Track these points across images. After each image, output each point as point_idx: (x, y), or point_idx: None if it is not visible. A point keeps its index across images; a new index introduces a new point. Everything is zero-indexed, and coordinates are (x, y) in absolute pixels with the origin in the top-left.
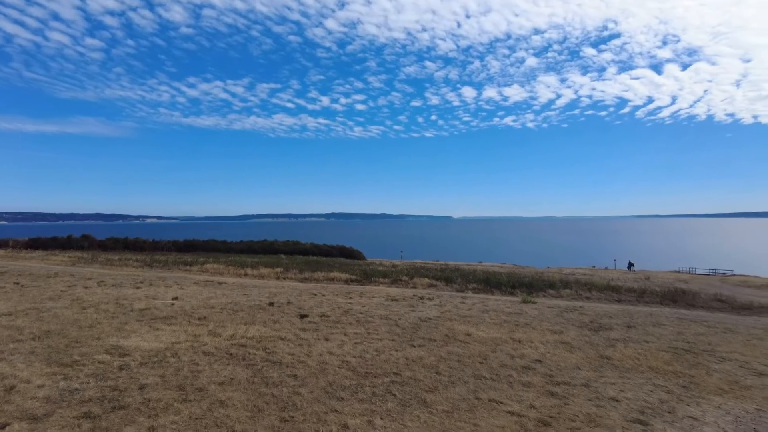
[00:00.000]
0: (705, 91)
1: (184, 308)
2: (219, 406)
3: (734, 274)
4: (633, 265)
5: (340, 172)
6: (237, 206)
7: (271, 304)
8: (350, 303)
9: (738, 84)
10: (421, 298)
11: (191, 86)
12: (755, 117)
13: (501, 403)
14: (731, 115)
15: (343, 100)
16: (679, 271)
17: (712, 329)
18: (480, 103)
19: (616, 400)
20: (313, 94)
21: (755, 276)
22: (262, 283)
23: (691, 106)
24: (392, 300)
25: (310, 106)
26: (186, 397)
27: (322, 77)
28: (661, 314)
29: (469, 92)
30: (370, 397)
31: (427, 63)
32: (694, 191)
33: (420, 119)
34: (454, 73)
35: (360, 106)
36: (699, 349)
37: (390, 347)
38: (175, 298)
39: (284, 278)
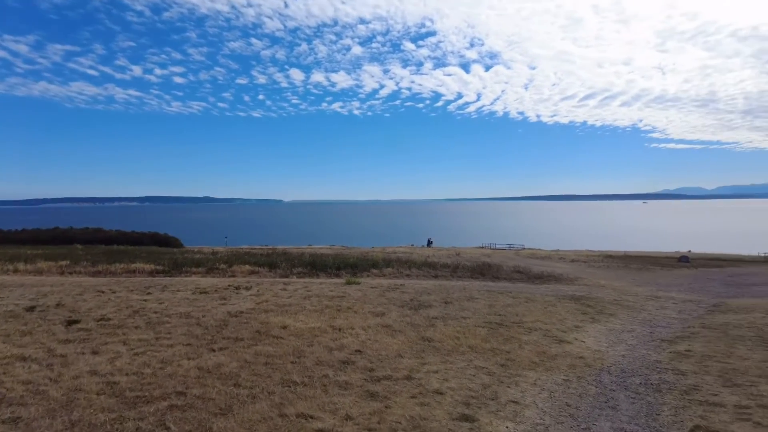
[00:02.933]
0: (502, 91)
1: None
2: None
3: (524, 248)
4: (432, 242)
5: (156, 150)
6: (25, 189)
7: (32, 308)
8: (146, 300)
9: (526, 87)
10: (237, 288)
11: None
12: (538, 116)
13: (311, 417)
14: (522, 113)
15: (158, 71)
16: (483, 247)
17: (517, 299)
18: (308, 86)
19: (441, 393)
20: (121, 61)
21: (540, 249)
22: (36, 281)
23: (492, 103)
24: (201, 293)
25: (118, 75)
26: None
27: (132, 44)
28: (472, 288)
29: (297, 74)
30: None
31: (254, 40)
32: (495, 178)
33: (246, 98)
34: (281, 54)
35: (178, 79)
36: (510, 322)
37: (182, 355)
38: None
39: (70, 273)
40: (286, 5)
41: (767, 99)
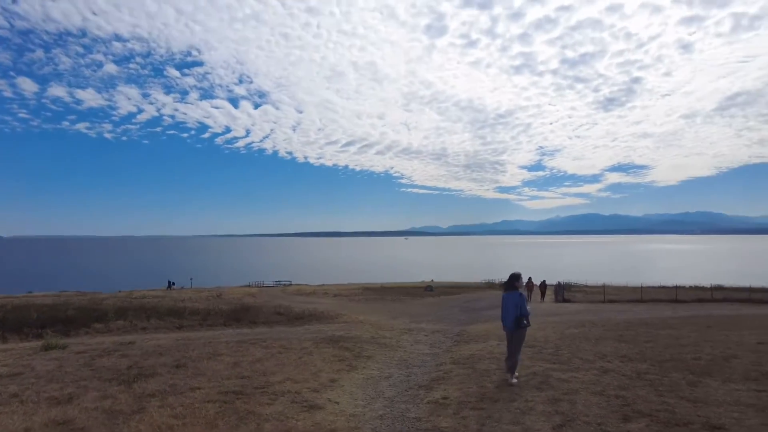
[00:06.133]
0: (271, 129)
1: None
2: None
3: (292, 284)
4: (173, 283)
5: None
6: None
7: None
8: None
9: (294, 129)
10: None
11: None
12: (306, 157)
13: None
14: (290, 153)
15: None
16: (250, 285)
17: (270, 351)
18: (44, 100)
19: None
20: None
21: (307, 284)
22: None
23: (261, 141)
24: None
25: None
26: None
27: None
28: (221, 339)
29: (28, 84)
30: None
31: None
32: (263, 214)
33: None
34: (4, 57)
35: None
36: (254, 386)
37: None
38: None
39: None
40: (14, 1)
41: (480, 157)
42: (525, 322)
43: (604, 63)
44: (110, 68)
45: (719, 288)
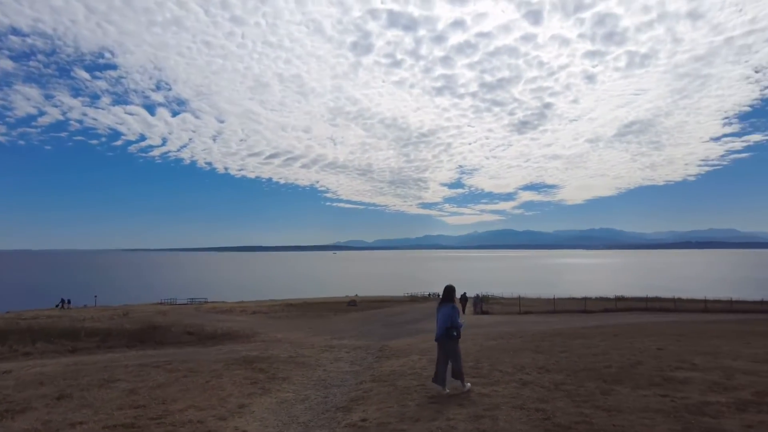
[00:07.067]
0: (190, 139)
1: None
2: None
3: (207, 302)
4: (68, 301)
5: None
6: None
7: None
8: None
9: (215, 139)
10: None
11: None
12: (226, 168)
13: None
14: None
15: None
16: (161, 303)
17: (175, 374)
18: None
19: None
20: None
21: (224, 301)
22: None
23: (179, 150)
24: None
25: None
26: None
27: None
28: (120, 363)
29: None
30: None
31: None
32: (179, 227)
33: None
34: None
35: None
36: (149, 417)
37: None
38: None
39: None
40: None
41: (404, 174)
42: (455, 333)
43: (519, 88)
44: (5, 64)
45: (621, 298)
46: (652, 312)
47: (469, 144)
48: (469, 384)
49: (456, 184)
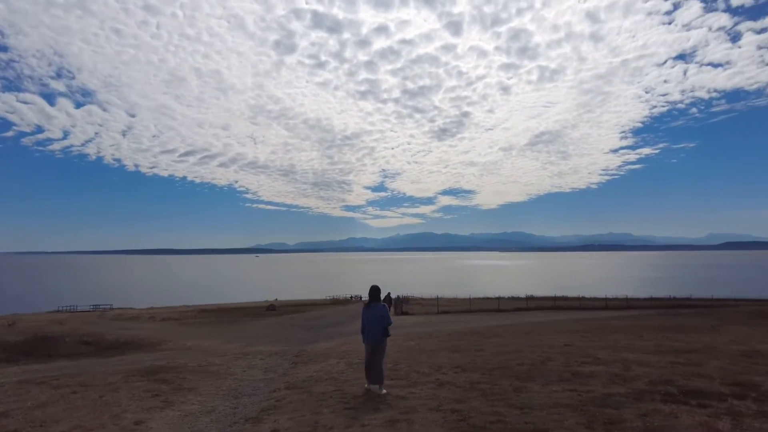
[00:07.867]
0: (96, 133)
1: None
2: None
3: (113, 308)
4: None
5: None
6: None
7: None
8: None
9: (124, 134)
10: None
11: None
12: (137, 165)
13: None
14: (118, 160)
15: None
16: (59, 311)
17: (61, 391)
18: None
19: None
20: None
21: (131, 308)
22: None
23: (83, 145)
24: None
25: None
26: None
27: None
28: None
29: None
30: None
31: None
32: (82, 228)
33: None
34: None
35: None
36: None
37: None
38: None
39: None
40: None
41: (328, 176)
42: (389, 333)
43: (439, 96)
44: None
45: (532, 298)
46: (559, 310)
47: (392, 149)
48: (384, 390)
49: (379, 188)
